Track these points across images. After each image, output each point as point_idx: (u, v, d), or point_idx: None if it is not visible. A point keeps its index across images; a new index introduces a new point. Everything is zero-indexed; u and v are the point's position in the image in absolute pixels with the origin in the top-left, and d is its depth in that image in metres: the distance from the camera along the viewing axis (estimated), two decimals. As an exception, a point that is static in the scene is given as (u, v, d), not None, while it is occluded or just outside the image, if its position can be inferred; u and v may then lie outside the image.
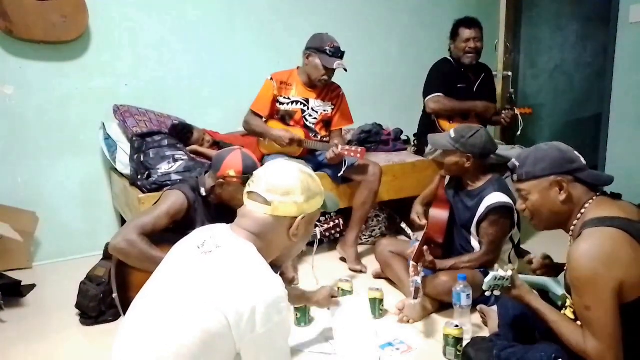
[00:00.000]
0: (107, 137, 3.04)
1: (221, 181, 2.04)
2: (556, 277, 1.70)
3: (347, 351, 1.86)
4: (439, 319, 2.23)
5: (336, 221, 2.36)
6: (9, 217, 2.78)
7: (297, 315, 2.16)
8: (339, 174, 2.84)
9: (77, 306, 2.32)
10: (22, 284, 2.62)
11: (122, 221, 3.18)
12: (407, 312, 2.22)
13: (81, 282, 2.33)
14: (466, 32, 3.06)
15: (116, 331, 1.24)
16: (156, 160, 2.68)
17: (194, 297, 1.13)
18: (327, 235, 2.34)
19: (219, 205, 2.11)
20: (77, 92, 3.10)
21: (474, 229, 2.30)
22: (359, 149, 2.74)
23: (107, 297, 2.23)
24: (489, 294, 1.62)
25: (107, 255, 2.35)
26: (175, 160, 2.70)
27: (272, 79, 2.90)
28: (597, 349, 1.35)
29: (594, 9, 4.50)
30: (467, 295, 2.03)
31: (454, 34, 3.13)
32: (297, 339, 2.04)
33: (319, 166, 2.93)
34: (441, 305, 2.28)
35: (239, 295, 1.11)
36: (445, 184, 2.49)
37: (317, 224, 2.28)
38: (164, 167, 2.66)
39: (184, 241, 1.30)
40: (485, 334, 2.05)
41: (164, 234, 1.95)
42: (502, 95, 3.54)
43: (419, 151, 3.38)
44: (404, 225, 3.25)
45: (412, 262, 2.08)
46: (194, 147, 3.00)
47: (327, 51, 2.77)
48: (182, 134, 3.00)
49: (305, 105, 2.94)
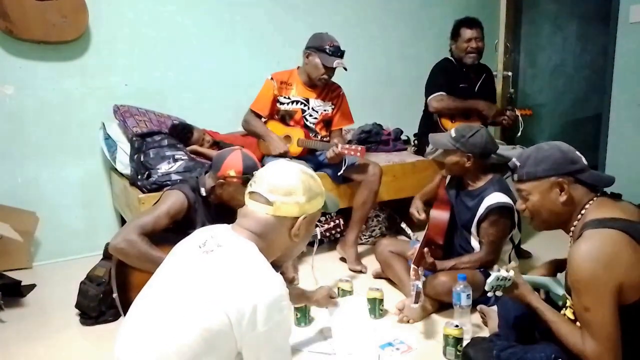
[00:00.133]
0: (107, 137, 3.04)
1: (221, 181, 2.04)
2: (559, 273, 1.70)
3: (346, 350, 1.86)
4: (439, 319, 2.23)
5: (336, 221, 2.36)
6: (9, 217, 2.78)
7: (297, 315, 2.17)
8: (339, 173, 2.84)
9: (77, 306, 2.32)
10: (22, 284, 2.62)
11: (122, 221, 3.18)
12: (407, 312, 2.22)
13: (81, 282, 2.33)
14: (468, 32, 3.06)
15: (116, 331, 1.24)
16: (156, 160, 2.68)
17: (195, 296, 1.13)
18: (327, 235, 2.34)
19: (219, 205, 2.11)
20: (77, 92, 3.09)
21: (474, 229, 2.30)
22: (359, 148, 2.73)
23: (107, 297, 2.23)
24: (491, 294, 1.62)
25: (107, 255, 2.35)
26: (175, 160, 2.70)
27: (272, 79, 2.90)
28: (595, 350, 1.34)
29: (594, 9, 4.49)
30: (467, 295, 2.03)
31: (455, 34, 3.12)
32: (297, 338, 2.05)
33: (319, 166, 2.93)
34: (441, 305, 2.28)
35: (240, 293, 1.11)
36: (446, 183, 2.49)
37: (317, 224, 2.28)
38: (164, 167, 2.66)
39: (185, 241, 1.30)
40: (485, 334, 2.04)
41: (164, 234, 1.95)
42: (502, 95, 3.54)
43: (420, 151, 3.37)
44: (404, 225, 3.23)
45: (413, 266, 2.08)
46: (194, 147, 2.99)
47: (327, 50, 2.77)
48: (182, 134, 3.00)
49: (305, 105, 2.93)
